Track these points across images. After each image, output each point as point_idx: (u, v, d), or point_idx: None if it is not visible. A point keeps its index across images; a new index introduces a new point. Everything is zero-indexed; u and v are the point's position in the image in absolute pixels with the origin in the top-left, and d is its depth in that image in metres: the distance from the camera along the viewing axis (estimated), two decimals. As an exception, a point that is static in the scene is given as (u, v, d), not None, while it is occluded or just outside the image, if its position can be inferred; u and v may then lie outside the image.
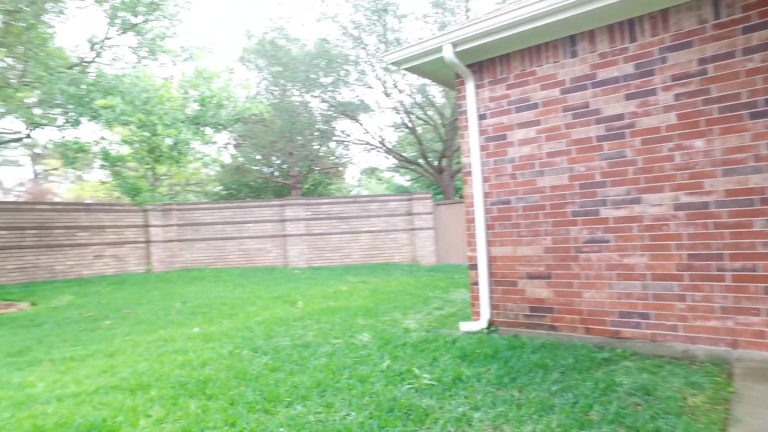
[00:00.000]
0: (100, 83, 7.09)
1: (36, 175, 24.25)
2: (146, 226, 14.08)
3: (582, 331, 4.36)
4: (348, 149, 22.42)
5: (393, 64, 5.50)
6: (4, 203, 14.98)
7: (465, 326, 4.97)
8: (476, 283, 5.02)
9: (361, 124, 19.78)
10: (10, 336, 6.17)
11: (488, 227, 4.98)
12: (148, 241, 14.10)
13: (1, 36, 8.39)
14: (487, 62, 5.00)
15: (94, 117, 7.24)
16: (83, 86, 6.98)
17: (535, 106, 4.66)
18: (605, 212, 4.23)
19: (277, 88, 19.25)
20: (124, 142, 7.91)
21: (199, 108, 7.27)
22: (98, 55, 9.53)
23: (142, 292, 9.82)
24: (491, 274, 4.95)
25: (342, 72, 17.60)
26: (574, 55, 4.41)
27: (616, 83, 4.18)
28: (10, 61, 9.15)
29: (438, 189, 20.68)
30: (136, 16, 8.19)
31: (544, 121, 4.60)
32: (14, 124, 9.50)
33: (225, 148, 23.47)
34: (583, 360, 3.70)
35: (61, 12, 8.87)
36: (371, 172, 25.55)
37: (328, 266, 14.27)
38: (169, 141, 7.08)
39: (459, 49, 4.79)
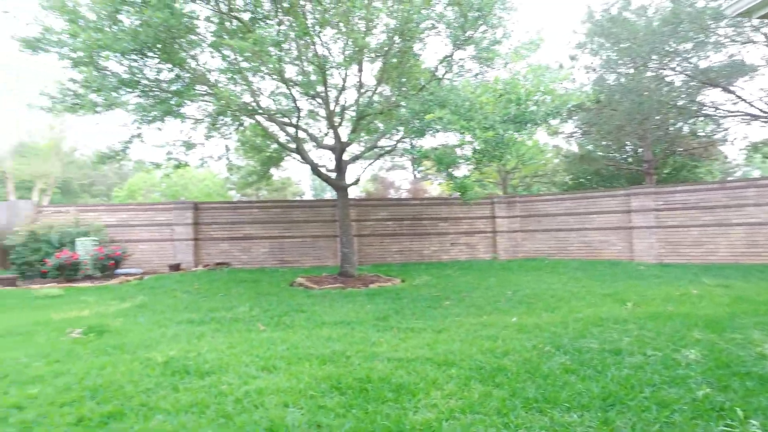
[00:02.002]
0: (436, 98, 8.32)
1: (415, 175, 29.81)
2: (493, 217, 15.40)
3: None
4: (720, 124, 18.28)
5: (741, 15, 4.36)
6: (390, 200, 19.27)
7: None
8: None
9: (733, 93, 15.84)
10: (382, 304, 7.98)
11: None
12: (494, 231, 15.39)
13: (381, 74, 10.86)
14: None
15: (429, 127, 8.59)
16: (427, 102, 8.36)
17: None
18: None
19: (623, 64, 17.54)
20: (455, 146, 8.99)
21: (516, 108, 7.53)
22: (448, 70, 11.06)
23: (482, 278, 10.88)
24: None
25: (706, 33, 14.51)
26: None
27: None
28: (387, 90, 11.74)
29: None
30: (465, 31, 9.13)
31: None
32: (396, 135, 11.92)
33: (571, 137, 23.09)
34: None
35: (422, 41, 10.72)
36: (755, 149, 19.99)
37: (683, 264, 12.17)
38: (493, 141, 7.65)
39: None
